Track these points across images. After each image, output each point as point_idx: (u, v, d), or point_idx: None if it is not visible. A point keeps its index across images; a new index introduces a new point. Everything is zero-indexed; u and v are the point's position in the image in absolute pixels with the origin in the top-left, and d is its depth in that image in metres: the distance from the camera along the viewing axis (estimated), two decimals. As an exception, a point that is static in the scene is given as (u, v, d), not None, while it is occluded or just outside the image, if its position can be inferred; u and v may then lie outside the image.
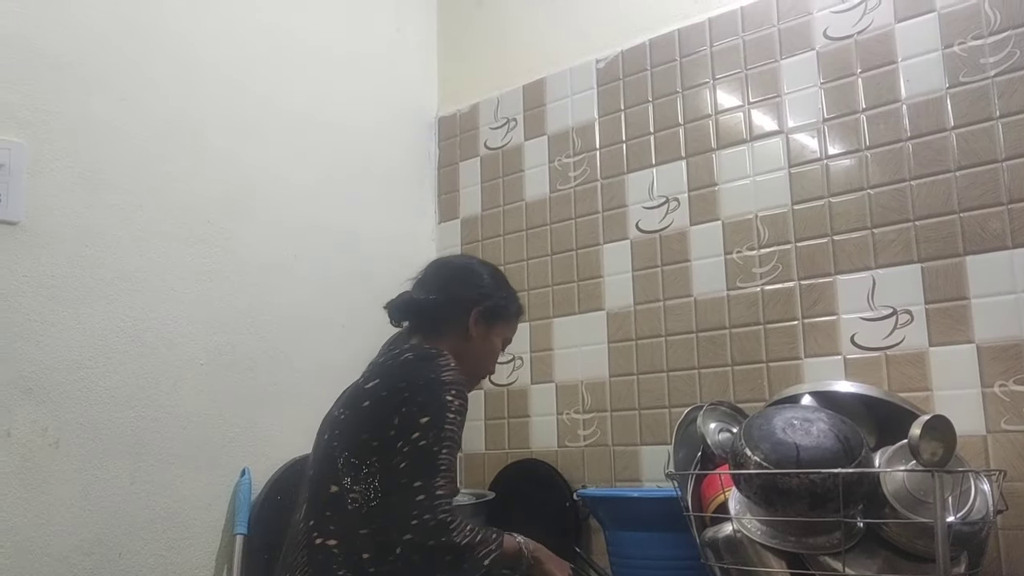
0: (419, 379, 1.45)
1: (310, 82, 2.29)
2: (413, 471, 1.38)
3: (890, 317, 1.74)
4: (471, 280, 1.66)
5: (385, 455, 1.41)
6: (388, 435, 1.42)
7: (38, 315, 1.70)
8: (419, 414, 1.41)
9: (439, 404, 1.42)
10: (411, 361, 1.50)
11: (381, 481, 1.41)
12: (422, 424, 1.40)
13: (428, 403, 1.42)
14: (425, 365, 1.48)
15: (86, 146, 1.81)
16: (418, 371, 1.47)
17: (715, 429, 1.68)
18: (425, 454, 1.39)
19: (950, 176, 1.71)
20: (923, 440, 1.26)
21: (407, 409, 1.42)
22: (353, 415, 1.49)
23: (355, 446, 1.45)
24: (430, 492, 1.37)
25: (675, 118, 2.12)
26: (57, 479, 1.69)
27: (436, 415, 1.41)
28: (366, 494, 1.41)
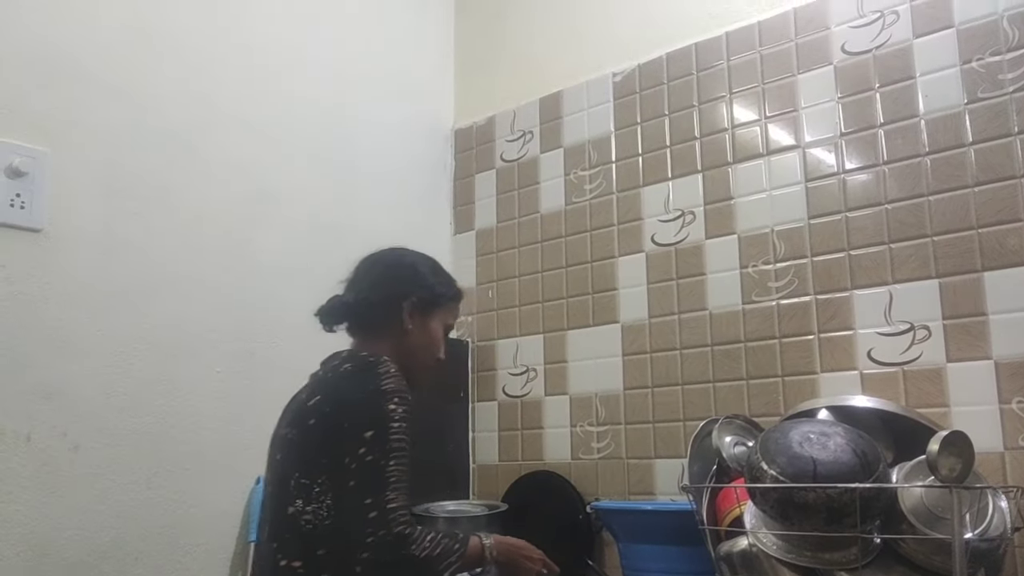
0: (360, 392, 1.42)
1: (328, 93, 2.32)
2: (363, 487, 1.35)
3: (907, 332, 1.74)
4: (400, 273, 1.63)
5: (334, 473, 1.38)
6: (335, 452, 1.39)
7: (59, 321, 1.71)
8: (363, 428, 1.37)
9: (382, 415, 1.38)
10: (350, 373, 1.47)
11: (333, 499, 1.38)
12: (367, 438, 1.37)
13: (371, 416, 1.38)
14: (365, 376, 1.44)
15: (108, 154, 1.83)
16: (358, 383, 1.44)
17: (730, 443, 1.68)
18: (373, 468, 1.35)
19: (968, 192, 1.71)
20: (941, 456, 1.25)
21: (350, 424, 1.39)
22: (300, 434, 1.46)
23: (304, 466, 1.42)
24: (382, 507, 1.33)
25: (692, 131, 2.13)
26: (75, 483, 1.70)
27: (380, 427, 1.37)
28: (318, 513, 1.38)
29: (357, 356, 1.51)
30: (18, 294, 1.67)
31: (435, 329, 1.62)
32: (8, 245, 1.67)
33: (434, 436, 2.35)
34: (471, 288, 2.51)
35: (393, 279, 1.61)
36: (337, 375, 1.48)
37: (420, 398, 2.27)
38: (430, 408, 2.33)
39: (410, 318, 1.58)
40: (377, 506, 1.34)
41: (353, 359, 1.50)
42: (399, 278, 1.61)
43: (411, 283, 1.61)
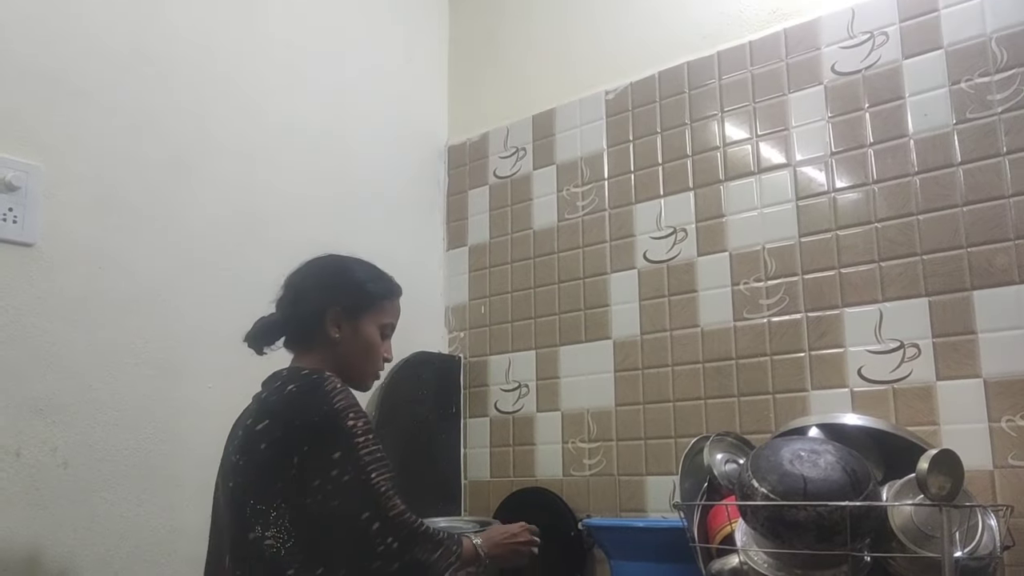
0: (313, 415, 1.40)
1: (323, 109, 2.32)
2: (354, 506, 1.35)
3: (897, 350, 1.75)
4: (324, 282, 1.58)
5: (291, 495, 1.37)
6: (291, 475, 1.37)
7: (50, 336, 1.71)
8: (329, 451, 1.36)
9: (344, 434, 1.37)
10: (296, 394, 1.44)
11: (292, 521, 1.37)
12: (336, 460, 1.36)
13: (333, 437, 1.37)
14: (313, 397, 1.42)
15: (101, 170, 1.83)
16: (308, 406, 1.41)
17: (722, 460, 1.68)
18: (356, 486, 1.35)
19: (957, 211, 1.72)
20: (931, 474, 1.26)
21: (310, 449, 1.37)
22: (251, 461, 1.44)
23: (260, 492, 1.40)
24: (383, 517, 1.34)
25: (683, 149, 2.14)
26: (65, 499, 1.69)
27: (346, 446, 1.36)
28: (279, 537, 1.37)
29: (299, 375, 1.49)
30: (9, 308, 1.66)
31: (368, 333, 1.57)
32: (0, 259, 1.66)
33: (426, 452, 2.35)
34: (463, 304, 2.51)
35: (317, 289, 1.58)
36: (282, 397, 1.46)
37: (411, 416, 2.29)
38: (422, 424, 2.35)
39: (336, 327, 1.54)
40: (378, 517, 1.35)
41: (295, 378, 1.48)
42: (323, 287, 1.58)
43: (335, 290, 1.57)
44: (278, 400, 1.46)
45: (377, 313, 1.59)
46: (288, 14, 2.28)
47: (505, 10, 2.64)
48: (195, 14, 2.05)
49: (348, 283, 1.59)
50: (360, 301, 1.57)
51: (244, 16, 2.17)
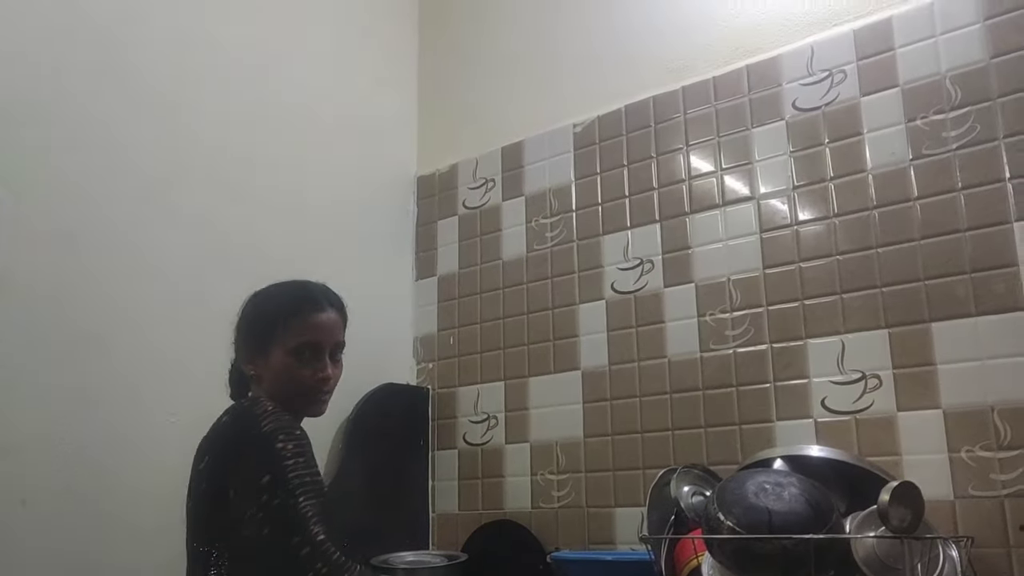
0: (241, 441, 1.39)
1: (289, 142, 2.32)
2: (282, 530, 1.33)
3: (859, 381, 1.77)
4: (236, 334, 1.59)
5: (229, 531, 1.36)
6: (225, 512, 1.37)
7: (6, 370, 1.67)
8: (258, 476, 1.34)
9: (273, 457, 1.34)
10: (228, 424, 1.44)
11: (231, 559, 1.36)
12: (265, 484, 1.33)
13: (261, 462, 1.35)
14: (242, 423, 1.41)
15: (66, 203, 1.81)
16: (237, 433, 1.41)
17: (688, 492, 1.69)
18: (285, 510, 1.33)
19: (915, 244, 1.76)
20: (892, 506, 1.28)
21: (243, 476, 1.36)
22: (195, 502, 1.44)
23: (201, 535, 1.40)
24: (312, 542, 1.32)
25: (650, 182, 2.17)
26: (23, 538, 1.65)
27: (275, 470, 1.34)
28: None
29: (232, 407, 1.49)
30: (-31, 344, 1.64)
31: (278, 362, 1.50)
32: (-40, 294, 1.64)
33: (393, 485, 2.33)
34: (432, 335, 2.51)
35: (236, 336, 1.59)
36: (217, 431, 1.45)
37: (379, 448, 2.27)
38: (390, 456, 2.33)
39: (249, 365, 1.54)
40: (307, 542, 1.32)
41: (229, 411, 1.48)
42: (237, 332, 1.59)
43: (241, 330, 1.58)
44: (214, 435, 1.46)
45: (282, 338, 1.51)
46: (253, 41, 2.28)
47: (475, 42, 2.67)
48: (159, 44, 2.05)
49: (248, 319, 1.57)
50: (260, 333, 1.53)
51: (209, 44, 2.16)
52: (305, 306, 1.54)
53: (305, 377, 1.51)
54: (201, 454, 1.47)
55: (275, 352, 1.51)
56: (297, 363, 1.51)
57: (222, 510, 1.37)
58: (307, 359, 1.51)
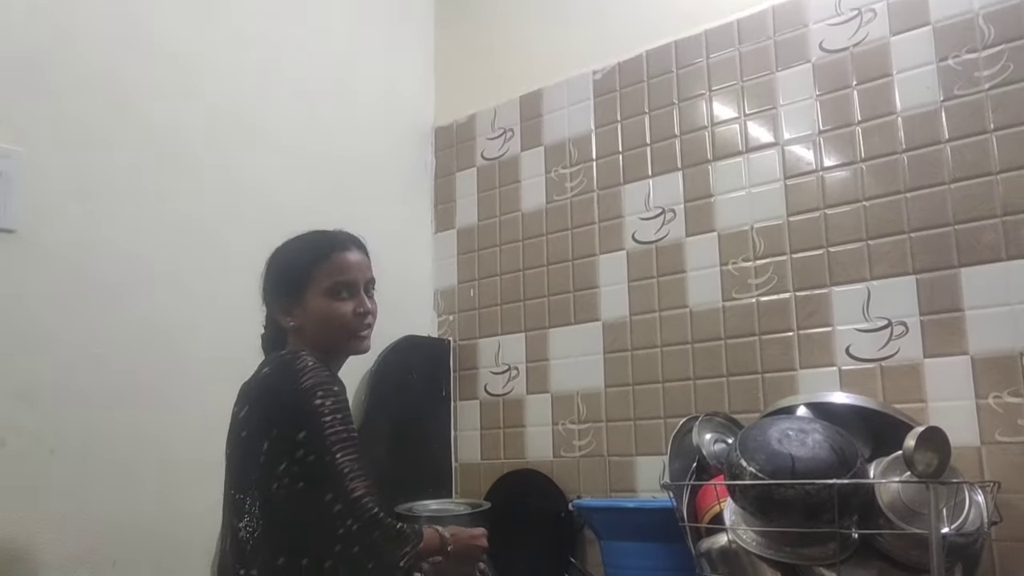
0: (281, 396, 1.39)
1: (307, 93, 2.30)
2: (317, 485, 1.34)
3: (885, 329, 1.75)
4: (265, 285, 1.58)
5: (261, 483, 1.37)
6: (259, 462, 1.38)
7: (34, 323, 1.69)
8: (293, 431, 1.35)
9: (309, 413, 1.35)
10: (269, 376, 1.44)
11: (261, 508, 1.37)
12: (301, 440, 1.35)
13: (298, 417, 1.36)
14: (283, 378, 1.41)
15: (82, 154, 1.81)
16: (278, 387, 1.41)
17: (710, 440, 1.69)
18: (321, 466, 1.34)
19: (945, 188, 1.72)
20: (918, 451, 1.26)
21: (278, 431, 1.37)
22: (234, 450, 1.46)
23: (238, 482, 1.42)
24: (346, 499, 1.33)
25: (671, 129, 2.13)
26: (53, 488, 1.68)
27: (311, 426, 1.35)
28: (250, 526, 1.38)
29: (275, 357, 1.48)
30: (-8, 296, 1.65)
31: (316, 305, 1.51)
32: (-18, 246, 1.65)
33: (416, 435, 2.34)
34: (452, 287, 2.51)
35: (265, 296, 1.58)
36: (259, 382, 1.46)
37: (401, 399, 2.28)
38: (412, 408, 2.34)
39: (288, 315, 1.52)
40: (340, 499, 1.33)
41: (270, 361, 1.48)
42: (266, 290, 1.58)
43: (271, 286, 1.57)
44: (255, 385, 1.46)
45: (317, 281, 1.51)
46: (271, -6, 2.26)
47: (491, -10, 2.62)
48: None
49: (277, 272, 1.57)
50: (293, 281, 1.53)
51: (226, -4, 2.14)
52: (333, 249, 1.54)
53: (346, 314, 1.51)
54: (242, 401, 1.48)
55: (311, 297, 1.51)
56: (336, 302, 1.51)
57: (257, 460, 1.38)
58: (345, 298, 1.52)
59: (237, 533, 1.39)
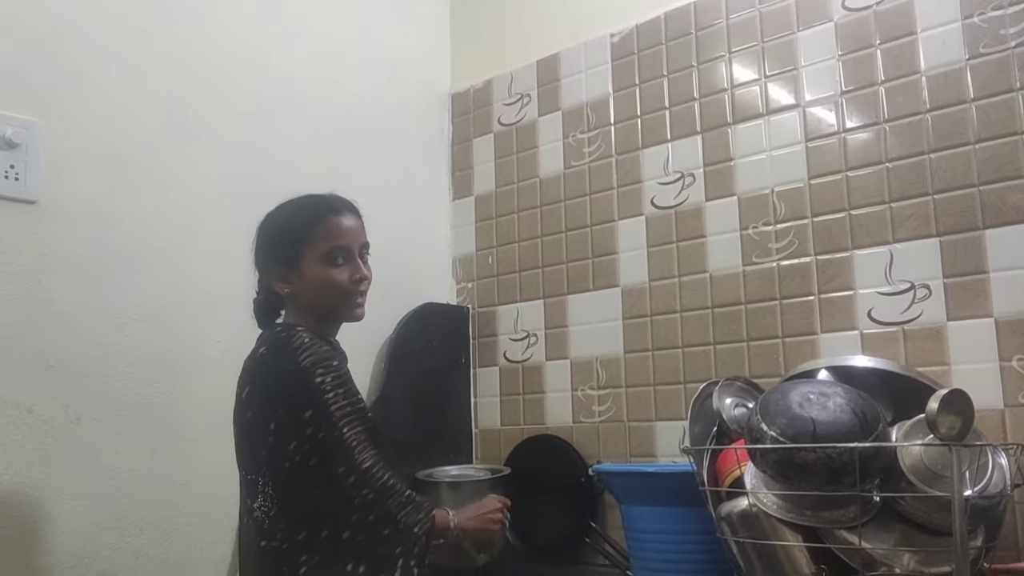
0: (283, 376, 1.40)
1: (323, 58, 2.29)
2: (328, 461, 1.36)
3: (908, 292, 1.73)
4: (257, 252, 1.56)
5: (271, 463, 1.39)
6: (268, 441, 1.39)
7: (58, 293, 1.71)
8: (298, 411, 1.37)
9: (312, 392, 1.37)
10: (266, 356, 1.44)
11: (274, 487, 1.39)
12: (308, 419, 1.37)
13: (301, 397, 1.38)
14: (282, 357, 1.41)
15: (102, 124, 1.82)
16: (278, 367, 1.41)
17: (731, 404, 1.68)
18: (330, 442, 1.36)
19: (969, 149, 1.69)
20: (941, 414, 1.25)
21: (284, 411, 1.38)
22: (240, 430, 1.47)
23: (248, 463, 1.43)
24: (357, 470, 1.35)
25: (690, 92, 2.10)
26: (78, 455, 1.71)
27: (316, 404, 1.37)
28: (264, 506, 1.40)
29: (271, 335, 1.48)
30: (15, 266, 1.66)
31: (312, 270, 1.49)
32: (3, 217, 1.66)
33: (436, 402, 2.36)
34: (470, 255, 2.50)
35: (258, 259, 1.56)
36: (257, 361, 1.46)
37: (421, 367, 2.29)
38: (432, 375, 2.36)
39: (282, 282, 1.51)
40: (353, 471, 1.36)
41: (266, 339, 1.47)
42: (258, 255, 1.56)
43: (263, 250, 1.55)
44: (254, 364, 1.46)
45: (313, 244, 1.50)
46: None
47: (507, -47, 2.58)
48: (190, -37, 2.02)
49: (270, 237, 1.54)
50: (287, 246, 1.51)
51: (241, -36, 2.13)
52: (327, 213, 1.52)
53: (343, 280, 1.50)
54: (242, 383, 1.48)
55: (307, 263, 1.49)
56: (333, 269, 1.50)
57: (265, 440, 1.40)
58: (340, 263, 1.51)
59: (252, 512, 1.41)
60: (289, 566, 1.36)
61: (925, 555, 1.35)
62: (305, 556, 1.36)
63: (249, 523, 1.46)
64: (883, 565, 1.35)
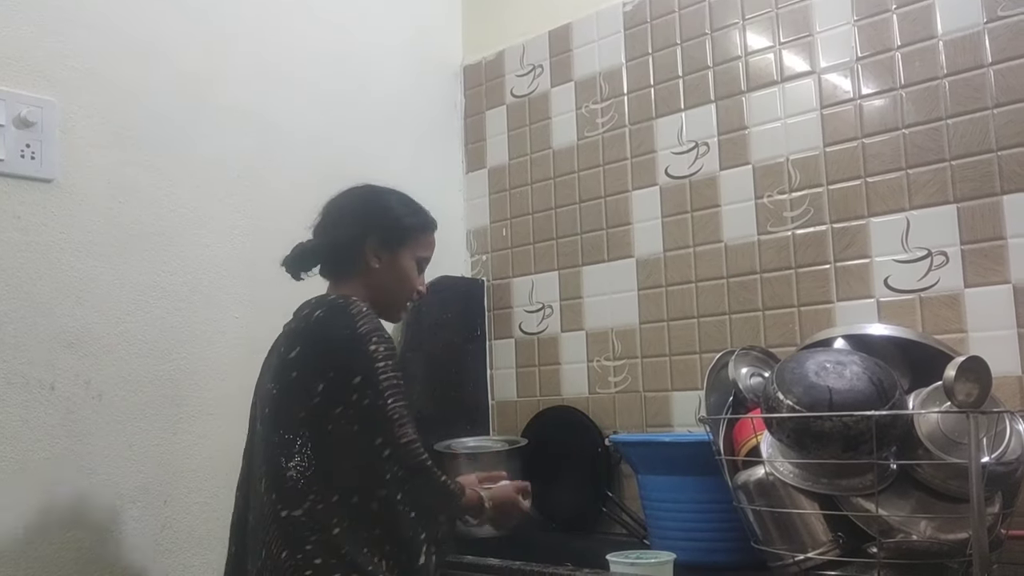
0: (337, 339, 1.41)
1: (335, 32, 2.28)
2: (369, 430, 1.37)
3: (924, 259, 1.72)
4: (364, 210, 1.60)
5: (313, 424, 1.40)
6: (313, 403, 1.39)
7: (76, 271, 1.73)
8: (349, 376, 1.38)
9: (365, 359, 1.38)
10: (323, 319, 1.45)
11: (313, 449, 1.40)
12: (356, 384, 1.38)
13: (353, 362, 1.39)
14: (338, 321, 1.43)
15: (116, 103, 1.82)
16: (333, 330, 1.43)
17: (747, 374, 1.68)
18: (373, 411, 1.37)
19: (987, 113, 1.67)
20: (958, 381, 1.25)
21: (335, 374, 1.39)
22: (282, 389, 1.46)
23: (287, 422, 1.43)
24: (395, 444, 1.36)
25: (704, 61, 2.08)
26: (101, 431, 1.73)
27: (366, 371, 1.38)
28: (301, 466, 1.40)
29: (326, 301, 1.49)
30: (34, 244, 1.68)
31: (405, 264, 1.60)
32: (21, 196, 1.67)
33: (453, 375, 2.37)
34: (484, 227, 2.50)
35: (357, 218, 1.59)
36: (311, 324, 1.46)
37: (437, 339, 2.31)
38: (448, 347, 2.37)
39: (375, 256, 1.57)
40: (390, 443, 1.37)
41: (323, 305, 1.48)
42: (362, 216, 1.59)
43: (374, 219, 1.59)
44: (307, 327, 1.47)
45: (413, 246, 1.62)
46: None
47: (517, -79, 2.56)
48: (199, -62, 2.01)
49: (386, 214, 1.61)
50: (398, 233, 1.60)
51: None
52: (431, 224, 1.67)
53: (416, 285, 1.64)
54: (291, 343, 1.48)
55: (404, 257, 1.60)
56: (413, 275, 1.63)
57: (310, 401, 1.40)
58: (415, 275, 1.64)
59: (284, 472, 1.40)
60: (322, 527, 1.37)
61: (942, 522, 1.35)
62: (336, 519, 1.37)
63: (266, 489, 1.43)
64: (900, 532, 1.35)
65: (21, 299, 1.65)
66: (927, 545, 1.34)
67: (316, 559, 1.35)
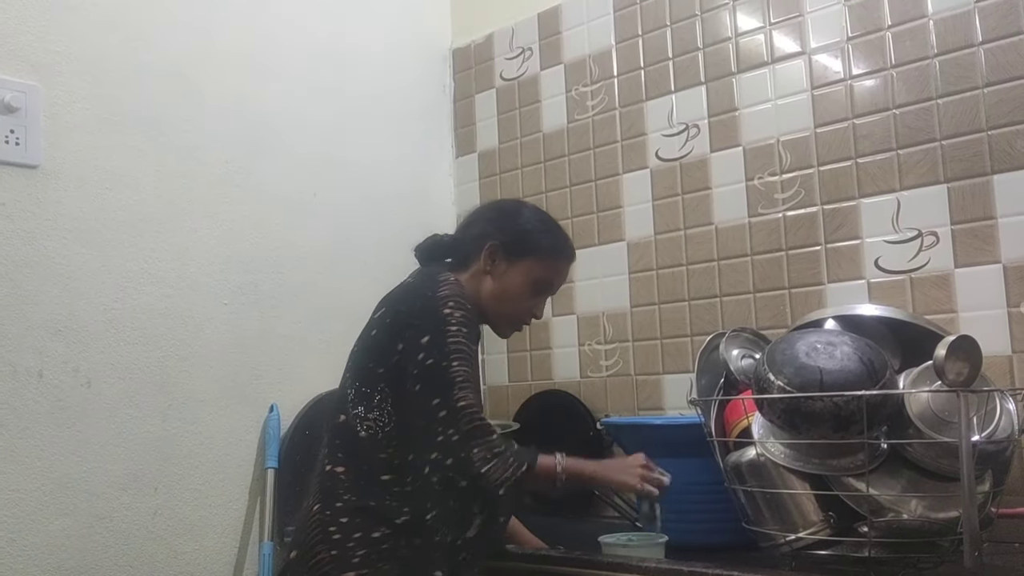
0: (416, 300, 1.45)
1: (323, 15, 2.26)
2: (429, 390, 1.38)
3: (915, 239, 1.73)
4: (491, 216, 1.62)
5: (393, 380, 1.42)
6: (392, 361, 1.42)
7: (63, 258, 1.71)
8: (419, 334, 1.40)
9: (437, 319, 1.40)
10: (411, 284, 1.51)
11: (394, 406, 1.42)
12: (424, 344, 1.39)
13: (426, 321, 1.40)
14: (422, 285, 1.47)
15: (102, 87, 1.80)
16: (415, 292, 1.47)
17: (738, 355, 1.68)
18: (435, 371, 1.37)
19: (978, 93, 1.67)
20: (948, 360, 1.25)
21: (409, 333, 1.41)
22: (362, 345, 1.50)
23: (364, 375, 1.45)
24: (451, 406, 1.36)
25: (694, 42, 2.07)
26: (91, 418, 1.72)
27: (435, 331, 1.39)
28: (380, 420, 1.42)
29: (422, 271, 1.54)
30: (19, 231, 1.66)
31: (518, 278, 1.55)
32: (6, 182, 1.66)
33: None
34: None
35: (486, 220, 1.60)
36: (400, 289, 1.52)
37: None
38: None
39: (490, 258, 1.55)
40: (446, 405, 1.36)
41: (417, 274, 1.54)
42: (495, 219, 1.60)
43: (503, 224, 1.58)
44: (396, 291, 1.52)
45: (536, 264, 1.56)
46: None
47: (505, -97, 2.53)
48: (183, -80, 1.98)
49: (515, 224, 1.59)
50: (521, 245, 1.56)
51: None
52: (565, 252, 1.62)
53: (526, 309, 1.59)
54: (380, 305, 1.52)
55: (520, 268, 1.55)
56: (531, 293, 1.57)
57: (389, 359, 1.42)
58: (536, 295, 1.59)
59: (360, 423, 1.42)
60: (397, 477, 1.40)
61: (933, 501, 1.35)
62: (411, 477, 1.40)
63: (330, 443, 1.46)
64: (891, 511, 1.36)
65: (7, 287, 1.64)
66: (918, 524, 1.34)
67: (343, 517, 1.38)
